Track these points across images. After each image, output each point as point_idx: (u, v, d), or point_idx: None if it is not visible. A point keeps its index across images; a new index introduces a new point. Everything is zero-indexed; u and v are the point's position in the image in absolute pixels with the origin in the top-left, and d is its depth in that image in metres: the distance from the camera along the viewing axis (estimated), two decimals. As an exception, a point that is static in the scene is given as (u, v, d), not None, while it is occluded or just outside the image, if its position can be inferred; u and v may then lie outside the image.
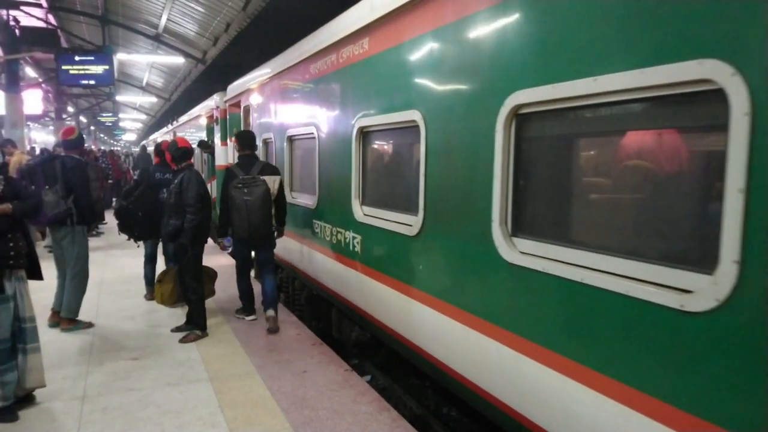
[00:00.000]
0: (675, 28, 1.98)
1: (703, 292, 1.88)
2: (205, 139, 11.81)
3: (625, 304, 2.16)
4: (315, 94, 5.59)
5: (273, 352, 5.05)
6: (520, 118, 2.78)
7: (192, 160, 5.74)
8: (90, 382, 4.37)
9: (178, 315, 5.93)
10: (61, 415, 3.83)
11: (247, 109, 8.68)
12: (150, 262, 6.81)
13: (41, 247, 9.09)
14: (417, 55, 3.64)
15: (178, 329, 5.57)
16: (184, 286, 5.58)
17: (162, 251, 6.53)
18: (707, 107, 1.96)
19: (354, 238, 4.70)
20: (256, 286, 6.19)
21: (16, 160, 9.07)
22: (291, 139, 6.51)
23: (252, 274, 6.08)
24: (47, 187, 5.25)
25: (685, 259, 2.02)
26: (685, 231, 2.12)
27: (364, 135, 4.57)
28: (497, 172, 2.86)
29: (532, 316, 2.70)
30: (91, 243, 5.99)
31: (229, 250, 7.77)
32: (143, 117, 42.56)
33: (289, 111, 6.50)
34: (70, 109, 30.87)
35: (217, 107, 10.67)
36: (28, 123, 21.71)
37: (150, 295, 6.65)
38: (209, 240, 5.88)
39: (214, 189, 9.98)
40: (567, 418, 2.49)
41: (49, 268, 4.59)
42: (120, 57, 20.45)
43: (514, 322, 2.81)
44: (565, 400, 2.47)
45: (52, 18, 17.09)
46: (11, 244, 3.77)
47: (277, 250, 5.94)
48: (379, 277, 4.27)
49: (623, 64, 2.14)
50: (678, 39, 1.96)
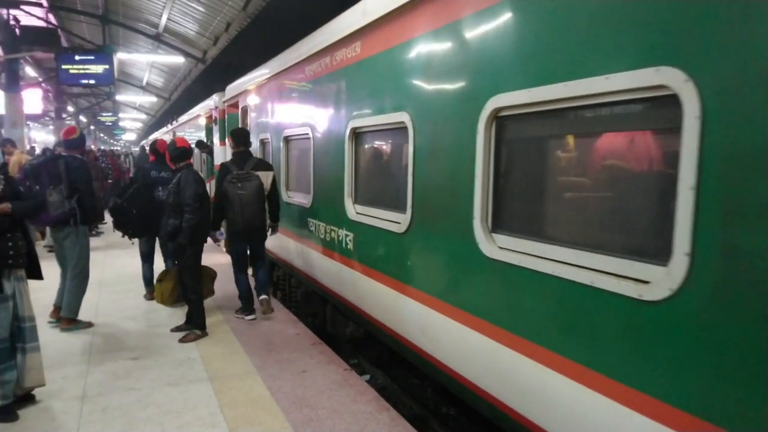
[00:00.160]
0: (636, 37, 2.12)
1: (659, 282, 2.03)
2: (204, 139, 11.93)
3: (591, 294, 2.32)
4: (310, 96, 5.73)
5: (272, 352, 5.06)
6: (500, 121, 2.94)
7: (191, 160, 5.82)
8: (90, 381, 4.38)
9: (178, 315, 5.93)
10: (61, 415, 3.84)
11: (244, 110, 8.81)
12: (146, 261, 6.77)
13: (41, 246, 9.09)
14: (405, 59, 3.79)
15: (177, 329, 5.56)
16: (183, 286, 5.63)
17: (161, 250, 6.58)
18: (664, 111, 2.11)
19: (347, 236, 4.84)
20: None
21: (16, 160, 9.09)
22: (287, 140, 6.65)
23: (249, 272, 6.22)
24: (51, 187, 5.23)
25: (643, 252, 2.18)
26: (644, 226, 2.27)
27: (357, 136, 4.72)
28: (478, 171, 3.01)
29: (509, 308, 2.85)
30: (91, 243, 6.01)
31: (221, 243, 7.85)
32: (143, 117, 42.61)
33: (285, 112, 6.64)
34: (70, 108, 30.94)
35: (216, 107, 10.78)
36: (28, 122, 21.80)
37: (150, 296, 6.66)
38: (208, 239, 5.95)
39: (212, 189, 10.09)
40: (540, 402, 2.65)
41: (48, 267, 4.58)
42: (120, 56, 20.56)
43: (493, 314, 2.96)
44: (540, 384, 2.62)
45: (52, 17, 17.23)
46: (11, 244, 3.75)
47: (273, 249, 6.08)
48: (371, 274, 4.42)
49: (590, 71, 2.29)
50: (638, 47, 2.11)
